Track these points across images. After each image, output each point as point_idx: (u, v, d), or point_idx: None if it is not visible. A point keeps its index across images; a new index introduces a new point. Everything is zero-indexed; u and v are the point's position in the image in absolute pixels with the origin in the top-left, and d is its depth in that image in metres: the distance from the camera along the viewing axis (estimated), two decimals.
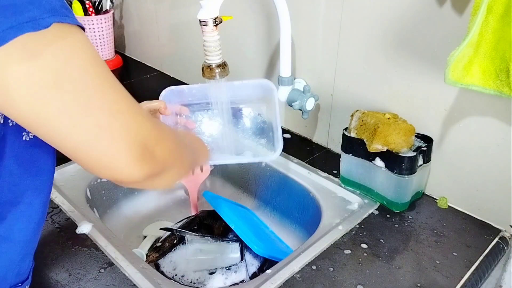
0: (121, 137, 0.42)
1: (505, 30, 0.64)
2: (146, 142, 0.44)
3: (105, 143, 0.41)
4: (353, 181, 0.91)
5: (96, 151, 0.41)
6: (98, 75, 0.42)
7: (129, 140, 0.42)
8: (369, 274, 0.73)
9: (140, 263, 0.75)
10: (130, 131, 0.42)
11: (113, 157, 0.42)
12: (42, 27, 0.38)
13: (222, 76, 0.83)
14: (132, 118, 0.43)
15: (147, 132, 0.44)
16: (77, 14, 1.43)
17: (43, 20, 0.38)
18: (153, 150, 0.44)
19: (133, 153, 0.42)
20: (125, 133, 0.42)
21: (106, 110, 0.41)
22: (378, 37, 0.88)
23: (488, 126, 0.78)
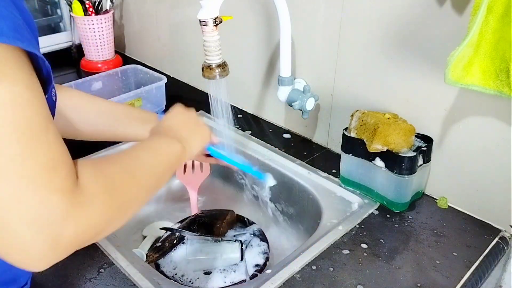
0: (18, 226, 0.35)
1: (505, 30, 0.64)
2: (50, 227, 0.36)
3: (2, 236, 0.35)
4: (353, 181, 0.91)
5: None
6: (16, 136, 0.35)
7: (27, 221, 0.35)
8: (369, 274, 0.73)
9: (140, 263, 0.75)
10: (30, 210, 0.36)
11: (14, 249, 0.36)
12: None
13: (222, 76, 0.83)
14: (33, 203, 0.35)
15: (52, 214, 0.36)
16: (77, 14, 1.43)
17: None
18: (62, 234, 0.37)
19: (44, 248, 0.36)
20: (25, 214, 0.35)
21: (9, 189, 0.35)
22: (378, 37, 0.88)
23: (488, 126, 0.78)
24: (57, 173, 0.37)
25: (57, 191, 0.37)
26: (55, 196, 0.36)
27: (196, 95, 1.36)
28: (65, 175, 0.38)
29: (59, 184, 0.37)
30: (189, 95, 1.36)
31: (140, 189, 0.49)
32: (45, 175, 0.36)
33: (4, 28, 0.35)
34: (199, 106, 1.26)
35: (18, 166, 0.35)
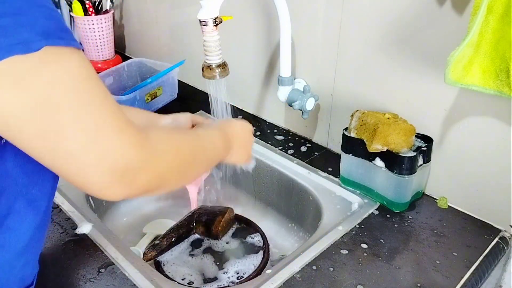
0: (97, 162, 0.43)
1: (505, 30, 0.64)
2: (125, 170, 0.44)
3: (81, 165, 0.43)
4: (353, 181, 0.91)
5: (72, 171, 0.43)
6: (84, 99, 0.42)
7: (105, 166, 0.43)
8: (369, 274, 0.73)
9: (140, 263, 0.75)
10: (107, 158, 0.43)
11: (89, 178, 0.43)
12: (32, 50, 0.38)
13: (222, 76, 0.83)
14: (109, 147, 0.43)
15: (128, 161, 0.44)
16: (77, 14, 1.43)
17: (34, 44, 0.39)
18: (133, 178, 0.45)
19: (108, 178, 0.44)
20: (102, 159, 0.43)
21: (82, 136, 0.42)
22: (378, 37, 0.88)
23: (488, 126, 0.78)
24: (125, 130, 0.45)
25: (128, 144, 0.44)
26: (128, 148, 0.44)
27: (196, 95, 1.36)
28: (133, 131, 0.45)
29: (128, 139, 0.45)
30: (189, 95, 1.36)
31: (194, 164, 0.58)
32: (115, 131, 0.44)
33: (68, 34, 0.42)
34: (199, 106, 1.26)
35: (91, 126, 0.42)
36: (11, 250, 0.53)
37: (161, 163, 0.49)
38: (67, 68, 0.41)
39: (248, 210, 1.08)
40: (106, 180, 0.44)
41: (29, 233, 0.54)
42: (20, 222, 0.52)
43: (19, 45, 0.38)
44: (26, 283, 0.58)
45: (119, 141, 0.44)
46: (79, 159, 0.42)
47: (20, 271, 0.56)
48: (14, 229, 0.52)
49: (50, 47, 0.39)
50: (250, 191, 1.10)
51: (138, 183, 0.46)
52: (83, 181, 0.44)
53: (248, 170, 0.85)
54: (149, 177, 0.47)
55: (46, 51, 0.39)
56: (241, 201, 1.09)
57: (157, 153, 0.49)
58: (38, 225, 0.55)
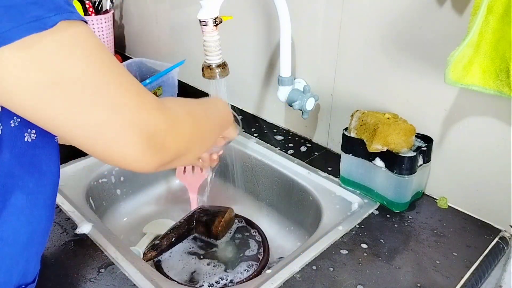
0: (125, 131, 0.42)
1: (505, 30, 0.64)
2: (154, 134, 0.44)
3: (110, 137, 0.42)
4: (353, 181, 0.91)
5: (102, 145, 0.43)
6: (102, 70, 0.42)
7: (134, 134, 0.43)
8: (369, 274, 0.73)
9: (140, 263, 0.75)
10: (134, 125, 0.43)
11: (120, 150, 0.43)
12: (48, 26, 0.38)
13: (222, 76, 0.83)
14: (137, 112, 0.43)
15: (155, 124, 0.45)
16: None
17: (49, 19, 0.39)
18: (163, 141, 0.45)
19: (140, 146, 0.43)
20: (129, 127, 0.43)
21: (109, 105, 0.42)
22: (378, 37, 0.88)
23: (488, 126, 0.78)
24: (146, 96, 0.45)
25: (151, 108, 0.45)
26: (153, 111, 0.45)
27: (196, 95, 1.36)
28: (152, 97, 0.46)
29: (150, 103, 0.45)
30: (189, 95, 1.36)
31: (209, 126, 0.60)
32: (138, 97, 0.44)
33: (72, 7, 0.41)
34: None
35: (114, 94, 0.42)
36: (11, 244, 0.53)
37: (184, 125, 0.50)
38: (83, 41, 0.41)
39: (248, 210, 1.08)
40: (138, 148, 0.43)
41: (29, 227, 0.54)
42: (18, 215, 0.52)
43: (35, 23, 0.38)
44: (28, 280, 0.58)
45: (143, 106, 0.44)
46: (109, 129, 0.42)
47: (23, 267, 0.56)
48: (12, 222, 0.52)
49: (64, 21, 0.40)
50: (250, 191, 1.10)
51: (167, 146, 0.46)
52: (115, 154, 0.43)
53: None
54: (177, 139, 0.48)
55: (60, 26, 0.39)
56: (241, 201, 1.09)
57: (178, 116, 0.50)
58: (39, 219, 0.55)
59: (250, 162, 1.07)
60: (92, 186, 0.97)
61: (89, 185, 0.96)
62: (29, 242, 0.55)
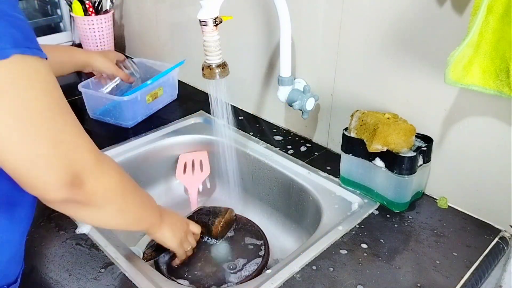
0: (57, 166, 0.45)
1: (505, 30, 0.64)
2: (78, 172, 0.47)
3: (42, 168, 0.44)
4: (353, 181, 0.91)
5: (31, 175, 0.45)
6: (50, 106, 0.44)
7: (63, 168, 0.46)
8: (369, 274, 0.73)
9: (140, 263, 0.75)
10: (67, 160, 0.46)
11: (43, 181, 0.45)
12: (1, 57, 0.40)
13: (222, 76, 0.83)
14: (73, 150, 0.46)
15: (83, 165, 0.48)
16: (77, 14, 1.43)
17: (4, 51, 0.40)
18: (83, 181, 0.48)
19: (62, 179, 0.46)
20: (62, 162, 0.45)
21: (52, 141, 0.44)
22: (378, 37, 0.88)
23: (488, 126, 0.78)
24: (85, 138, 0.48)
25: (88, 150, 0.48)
26: (88, 153, 0.48)
27: (196, 95, 1.36)
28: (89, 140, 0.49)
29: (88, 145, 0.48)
30: (189, 95, 1.36)
31: (132, 202, 0.61)
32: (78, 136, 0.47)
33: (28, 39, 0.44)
34: (199, 106, 1.26)
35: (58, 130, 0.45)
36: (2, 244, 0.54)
37: (109, 177, 0.52)
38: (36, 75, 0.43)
39: (248, 210, 1.08)
40: (63, 181, 0.46)
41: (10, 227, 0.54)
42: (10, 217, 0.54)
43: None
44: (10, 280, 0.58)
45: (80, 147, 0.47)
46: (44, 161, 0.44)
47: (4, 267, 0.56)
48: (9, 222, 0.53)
49: (18, 55, 0.42)
50: (250, 191, 1.10)
51: (85, 188, 0.49)
52: (40, 183, 0.45)
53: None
54: (97, 184, 0.50)
55: (15, 58, 0.41)
56: (241, 201, 1.09)
57: (107, 168, 0.52)
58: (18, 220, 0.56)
59: (250, 162, 1.07)
60: None
61: None
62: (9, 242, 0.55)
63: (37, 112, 0.43)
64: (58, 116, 0.45)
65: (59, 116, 0.45)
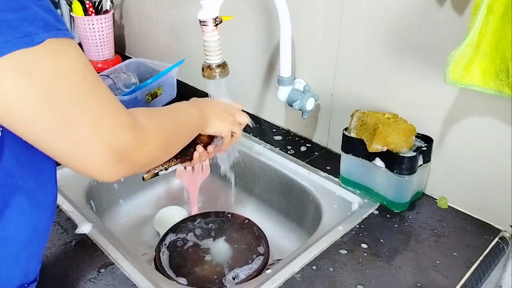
0: (99, 149, 0.46)
1: (505, 30, 0.64)
2: (123, 151, 0.48)
3: (84, 153, 0.45)
4: (353, 181, 0.91)
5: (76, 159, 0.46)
6: (85, 90, 0.44)
7: (107, 151, 0.46)
8: (369, 274, 0.73)
9: (140, 263, 0.75)
10: (108, 143, 0.46)
11: (91, 164, 0.46)
12: (35, 43, 0.40)
13: (222, 76, 0.83)
14: (112, 131, 0.47)
15: (126, 142, 0.48)
16: (77, 14, 1.43)
17: (37, 36, 0.40)
18: (130, 157, 0.49)
19: (110, 162, 0.47)
20: (103, 145, 0.46)
21: (89, 124, 0.45)
22: (378, 37, 0.88)
23: (488, 126, 0.78)
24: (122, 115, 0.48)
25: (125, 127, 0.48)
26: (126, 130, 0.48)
27: (196, 95, 1.36)
28: (128, 116, 0.49)
29: (125, 122, 0.48)
30: (190, 95, 1.36)
31: (178, 136, 0.64)
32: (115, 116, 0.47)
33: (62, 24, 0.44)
34: None
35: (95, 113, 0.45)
36: (14, 242, 0.54)
37: (151, 141, 0.53)
38: (69, 59, 0.43)
39: (248, 210, 1.08)
40: (110, 161, 0.47)
41: (31, 225, 0.55)
42: (19, 214, 0.53)
43: (23, 39, 0.39)
44: (30, 278, 0.59)
45: (119, 125, 0.47)
46: (85, 145, 0.45)
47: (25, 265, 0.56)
48: (14, 221, 0.53)
49: (51, 39, 0.41)
50: (250, 191, 1.10)
51: (134, 161, 0.50)
52: (87, 166, 0.46)
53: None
54: (143, 154, 0.52)
55: (48, 43, 0.41)
56: (241, 201, 1.09)
57: (147, 132, 0.53)
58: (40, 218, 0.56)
59: (250, 162, 1.07)
60: (92, 186, 0.97)
61: (89, 185, 0.96)
62: (30, 240, 0.55)
63: (71, 97, 0.43)
64: (93, 98, 0.45)
65: (94, 98, 0.45)
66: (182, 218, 0.98)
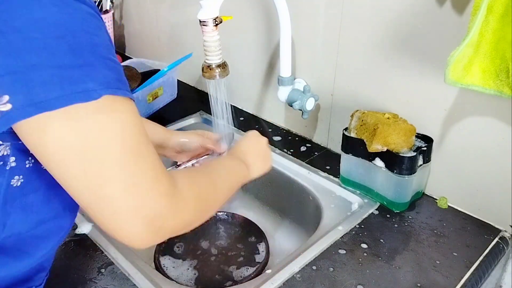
0: (130, 212, 0.44)
1: (505, 30, 0.64)
2: (156, 219, 0.46)
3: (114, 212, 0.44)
4: (353, 181, 0.91)
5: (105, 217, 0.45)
6: (130, 151, 0.44)
7: (138, 217, 0.45)
8: (369, 274, 0.73)
9: (140, 263, 0.75)
10: (141, 208, 0.45)
11: (120, 226, 0.45)
12: (92, 99, 0.41)
13: (222, 76, 0.83)
14: (146, 196, 0.45)
15: (160, 211, 0.46)
16: None
17: (95, 93, 0.41)
18: (162, 225, 0.47)
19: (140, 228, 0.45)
20: (135, 209, 0.45)
21: (125, 185, 0.44)
22: (378, 37, 0.88)
23: (488, 126, 0.78)
24: (161, 181, 0.47)
25: (162, 194, 0.46)
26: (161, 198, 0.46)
27: (196, 95, 1.36)
28: (167, 182, 0.48)
29: (163, 189, 0.47)
30: (189, 95, 1.36)
31: (217, 198, 0.61)
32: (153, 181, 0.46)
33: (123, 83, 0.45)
34: (199, 106, 1.26)
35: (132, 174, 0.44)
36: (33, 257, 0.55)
37: (187, 210, 0.51)
38: (120, 117, 0.44)
39: (248, 210, 1.08)
40: (138, 227, 0.45)
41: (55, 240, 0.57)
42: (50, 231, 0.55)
43: (82, 93, 0.40)
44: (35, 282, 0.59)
45: (155, 191, 0.46)
46: (115, 204, 0.44)
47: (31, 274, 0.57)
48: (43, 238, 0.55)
49: (108, 96, 0.42)
50: (250, 191, 1.10)
51: (164, 230, 0.48)
52: (115, 226, 0.45)
53: None
54: (176, 223, 0.50)
55: (104, 99, 0.42)
56: (241, 201, 1.09)
57: (184, 201, 0.51)
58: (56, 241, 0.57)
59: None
60: None
61: None
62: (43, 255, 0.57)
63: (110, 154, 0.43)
64: (135, 160, 0.45)
65: (137, 161, 0.45)
66: None
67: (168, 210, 0.47)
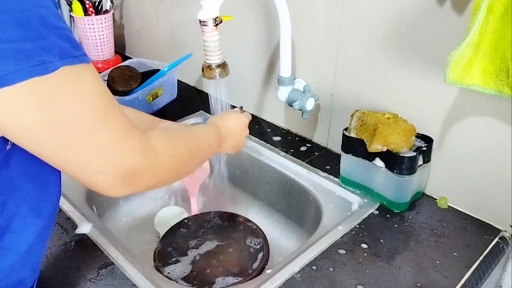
0: (105, 170, 0.47)
1: (505, 30, 0.64)
2: (130, 173, 0.49)
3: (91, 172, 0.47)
4: (353, 181, 0.91)
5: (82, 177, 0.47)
6: (97, 115, 0.45)
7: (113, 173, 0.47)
8: (369, 274, 0.73)
9: (140, 263, 0.75)
10: (114, 166, 0.47)
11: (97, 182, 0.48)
12: (49, 71, 0.41)
13: (222, 76, 0.83)
14: (119, 155, 0.48)
15: (134, 166, 0.49)
16: (77, 14, 1.43)
17: (52, 64, 0.41)
18: (137, 179, 0.50)
19: (115, 182, 0.48)
20: (109, 167, 0.47)
21: (96, 148, 0.46)
22: (378, 37, 0.88)
23: (488, 126, 0.78)
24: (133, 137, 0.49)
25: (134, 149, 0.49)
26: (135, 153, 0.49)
27: (196, 95, 1.36)
28: (139, 138, 0.50)
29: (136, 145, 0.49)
30: (189, 95, 1.36)
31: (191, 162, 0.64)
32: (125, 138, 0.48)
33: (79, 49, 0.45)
34: (199, 106, 1.26)
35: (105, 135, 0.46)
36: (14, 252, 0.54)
37: (161, 166, 0.53)
38: (82, 86, 0.44)
39: (248, 210, 1.08)
40: (115, 182, 0.48)
41: (32, 236, 0.55)
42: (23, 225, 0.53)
43: (38, 67, 0.40)
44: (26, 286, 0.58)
45: (128, 148, 0.48)
46: (92, 166, 0.46)
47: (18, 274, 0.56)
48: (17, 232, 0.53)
49: (66, 66, 0.42)
50: (250, 191, 1.10)
51: (140, 183, 0.51)
52: (93, 183, 0.48)
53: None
54: (150, 178, 0.52)
55: (62, 70, 0.42)
56: (241, 201, 1.09)
57: (158, 157, 0.53)
58: (42, 228, 0.56)
59: (250, 162, 1.07)
60: None
61: None
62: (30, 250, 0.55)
63: (81, 122, 0.44)
64: (104, 122, 0.46)
65: (106, 123, 0.46)
66: (182, 218, 0.98)
67: (143, 165, 0.50)
